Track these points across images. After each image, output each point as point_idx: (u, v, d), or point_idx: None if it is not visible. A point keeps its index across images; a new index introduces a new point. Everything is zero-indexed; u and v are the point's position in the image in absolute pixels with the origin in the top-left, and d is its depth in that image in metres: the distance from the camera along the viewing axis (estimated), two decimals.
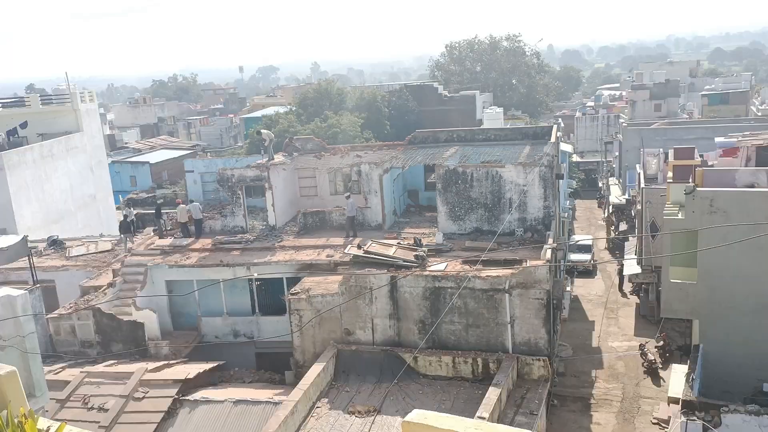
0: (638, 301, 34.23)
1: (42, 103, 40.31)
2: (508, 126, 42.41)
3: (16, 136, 37.64)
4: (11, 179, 32.71)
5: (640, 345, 28.17)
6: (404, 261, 21.88)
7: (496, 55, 74.42)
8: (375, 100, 54.72)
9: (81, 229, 36.97)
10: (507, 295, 20.24)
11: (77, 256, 28.21)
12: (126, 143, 70.70)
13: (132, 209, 31.77)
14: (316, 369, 19.69)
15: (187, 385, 19.63)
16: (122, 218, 30.35)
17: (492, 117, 49.21)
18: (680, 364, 23.70)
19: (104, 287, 24.04)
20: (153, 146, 66.21)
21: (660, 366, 27.07)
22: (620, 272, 35.88)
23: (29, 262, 22.94)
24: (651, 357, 27.19)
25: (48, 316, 22.95)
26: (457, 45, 77.00)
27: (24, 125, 38.21)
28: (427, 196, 30.84)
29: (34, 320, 16.38)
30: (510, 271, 20.54)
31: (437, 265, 21.58)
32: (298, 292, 21.82)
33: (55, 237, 30.25)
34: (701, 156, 27.21)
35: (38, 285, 22.22)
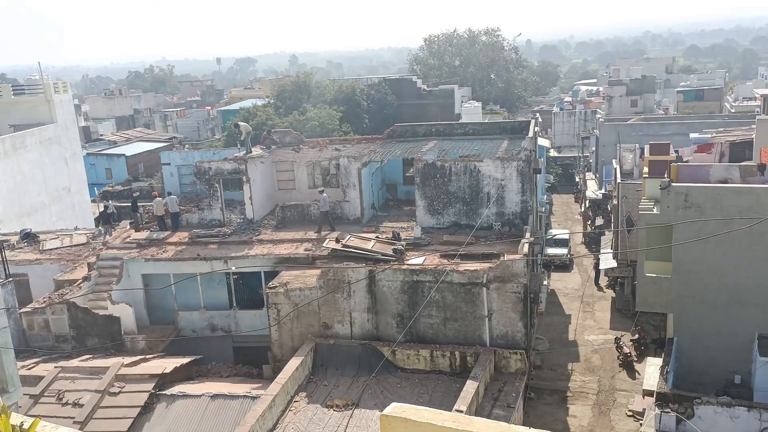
0: (614, 294, 34.70)
1: (14, 94, 39.48)
2: (486, 120, 42.60)
3: None
4: None
5: (615, 338, 28.58)
6: (383, 255, 21.88)
7: (475, 49, 74.65)
8: (354, 94, 54.54)
9: (55, 222, 36.31)
10: (485, 288, 20.36)
11: (51, 249, 27.73)
12: (101, 135, 69.54)
13: (111, 202, 31.46)
14: (294, 363, 19.64)
15: (164, 380, 19.45)
16: (102, 209, 30.19)
17: (470, 111, 49.36)
18: (655, 357, 24.13)
19: (79, 281, 23.66)
20: (129, 138, 65.28)
21: (635, 359, 27.50)
22: (596, 266, 36.31)
23: (1, 255, 22.49)
24: (626, 350, 27.59)
25: (21, 310, 22.54)
26: (435, 39, 77.05)
27: None
28: (405, 190, 30.87)
29: (7, 315, 16.09)
30: (488, 265, 20.66)
31: (415, 259, 21.63)
32: (276, 286, 21.72)
33: (28, 230, 29.69)
34: (676, 152, 27.61)
35: (11, 279, 21.78)
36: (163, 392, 19.04)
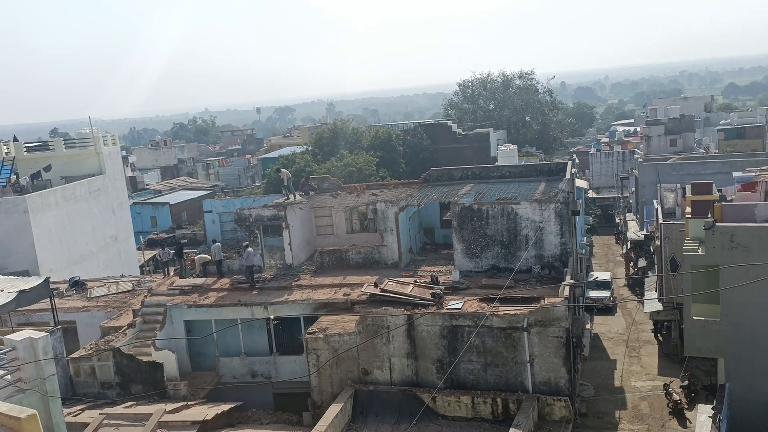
0: (661, 339, 33.61)
1: (66, 147, 41.25)
2: (522, 163, 42.60)
3: (40, 179, 38.45)
4: (34, 222, 33.29)
5: (664, 384, 27.57)
6: (421, 299, 21.83)
7: (509, 92, 75.07)
8: (390, 139, 55.31)
9: (102, 270, 37.38)
10: (525, 333, 20.06)
11: (98, 296, 28.49)
12: (147, 185, 71.94)
13: (166, 249, 32.81)
14: (333, 410, 19.54)
15: (206, 427, 19.54)
16: (155, 256, 32.30)
17: (506, 154, 49.35)
18: (706, 404, 23.15)
19: (124, 327, 24.19)
20: (173, 187, 67.37)
21: (686, 406, 26.43)
22: (656, 323, 34.30)
23: (51, 303, 23.18)
24: (676, 397, 26.57)
25: (68, 357, 23.08)
26: (470, 83, 77.87)
27: (48, 168, 39.04)
28: (442, 233, 30.90)
29: (55, 362, 16.51)
30: (528, 308, 20.41)
31: (454, 303, 21.51)
32: (315, 332, 21.80)
33: (77, 278, 30.63)
34: (719, 191, 27.04)
35: (59, 326, 22.40)
36: None
